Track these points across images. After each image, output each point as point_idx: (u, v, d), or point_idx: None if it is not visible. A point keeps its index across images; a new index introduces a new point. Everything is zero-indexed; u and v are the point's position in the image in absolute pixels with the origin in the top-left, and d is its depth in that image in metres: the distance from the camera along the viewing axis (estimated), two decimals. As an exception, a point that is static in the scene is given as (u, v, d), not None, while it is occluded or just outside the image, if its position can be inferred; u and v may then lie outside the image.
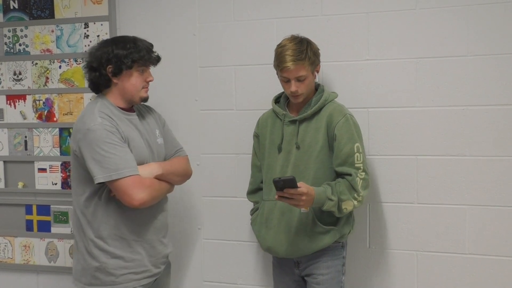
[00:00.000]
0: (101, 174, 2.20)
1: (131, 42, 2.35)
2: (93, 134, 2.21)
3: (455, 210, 2.62)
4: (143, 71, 2.38)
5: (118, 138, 2.24)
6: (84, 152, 2.23)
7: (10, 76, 3.23)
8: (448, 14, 2.57)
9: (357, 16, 2.69)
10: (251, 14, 2.85)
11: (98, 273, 2.32)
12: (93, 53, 2.36)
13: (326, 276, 2.47)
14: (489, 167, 2.56)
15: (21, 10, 3.21)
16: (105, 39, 2.47)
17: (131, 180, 2.21)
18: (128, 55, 2.31)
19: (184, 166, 2.56)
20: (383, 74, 2.67)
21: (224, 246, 2.99)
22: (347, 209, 2.38)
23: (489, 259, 2.59)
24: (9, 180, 3.28)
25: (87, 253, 2.34)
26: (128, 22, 3.05)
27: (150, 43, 2.43)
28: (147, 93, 2.42)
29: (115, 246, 2.32)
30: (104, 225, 2.31)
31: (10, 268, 3.31)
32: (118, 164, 2.20)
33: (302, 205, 2.30)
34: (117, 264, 2.32)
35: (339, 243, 2.51)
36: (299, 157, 2.45)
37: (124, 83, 2.35)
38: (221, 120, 2.94)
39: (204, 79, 2.96)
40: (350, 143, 2.40)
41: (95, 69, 2.34)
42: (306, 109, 2.48)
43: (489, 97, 2.54)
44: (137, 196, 2.22)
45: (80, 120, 2.31)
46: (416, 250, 2.68)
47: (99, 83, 2.37)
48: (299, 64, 2.37)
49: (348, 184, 2.38)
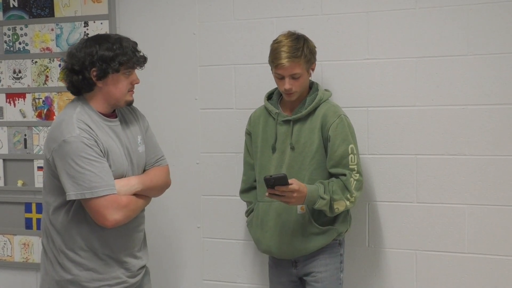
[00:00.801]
0: (73, 191, 2.04)
1: (117, 42, 2.15)
2: (68, 146, 2.03)
3: (454, 209, 2.62)
4: (129, 74, 2.19)
5: (95, 152, 2.07)
6: (58, 164, 2.06)
7: (10, 75, 3.23)
8: (448, 13, 2.57)
9: (357, 16, 2.69)
10: (251, 13, 2.85)
11: (70, 286, 2.16)
12: (75, 54, 2.15)
13: (324, 273, 2.47)
14: (489, 166, 2.56)
15: (21, 8, 3.20)
16: (86, 38, 2.23)
17: (106, 200, 2.05)
18: (115, 58, 2.12)
19: (164, 178, 2.39)
20: (382, 73, 2.67)
21: (223, 244, 2.99)
22: (338, 209, 2.37)
23: (489, 258, 2.59)
24: (9, 178, 3.28)
25: (58, 265, 2.18)
26: (127, 20, 3.05)
27: (135, 42, 2.24)
28: (133, 96, 2.25)
29: (87, 258, 2.17)
30: (74, 238, 2.15)
31: (10, 266, 3.31)
32: (92, 181, 2.03)
33: (293, 202, 2.28)
34: (90, 276, 2.17)
35: (336, 241, 2.51)
36: (293, 157, 2.44)
37: (109, 87, 2.16)
38: (221, 119, 2.94)
39: (204, 78, 2.96)
40: (344, 145, 2.38)
41: (77, 72, 2.13)
42: (300, 109, 2.46)
43: (489, 96, 2.54)
44: (111, 217, 2.07)
45: (56, 127, 2.11)
46: (416, 249, 2.69)
47: (80, 87, 2.17)
48: (295, 62, 2.34)
49: (341, 184, 2.37)
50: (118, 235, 2.20)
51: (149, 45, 3.02)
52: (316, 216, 2.43)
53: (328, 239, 2.45)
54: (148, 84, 3.04)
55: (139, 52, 2.23)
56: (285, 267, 2.55)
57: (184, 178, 3.02)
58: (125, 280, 2.24)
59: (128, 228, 2.23)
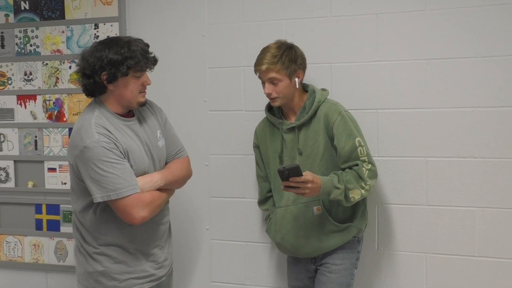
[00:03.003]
0: (99, 194, 2.14)
1: (125, 46, 2.20)
2: (90, 152, 2.12)
3: (464, 212, 2.60)
4: (139, 76, 2.25)
5: (116, 155, 2.15)
6: (82, 170, 2.16)
7: (21, 77, 3.25)
8: (458, 15, 2.56)
9: (367, 17, 2.68)
10: (260, 15, 2.85)
11: (102, 277, 2.28)
12: (86, 58, 2.23)
13: (339, 266, 2.49)
14: (499, 169, 2.54)
15: (32, 11, 3.23)
16: (98, 42, 2.29)
17: (130, 200, 2.14)
18: (123, 61, 2.17)
19: (186, 170, 2.48)
20: (392, 75, 2.66)
21: (232, 246, 2.99)
22: (354, 198, 2.38)
23: (499, 262, 2.57)
24: (19, 180, 3.30)
25: (90, 257, 2.30)
26: (137, 22, 3.07)
27: (146, 44, 2.30)
28: (145, 98, 2.32)
29: (117, 252, 2.28)
30: (103, 235, 2.27)
31: (20, 267, 3.33)
32: (116, 183, 2.12)
33: (308, 193, 2.30)
34: (120, 269, 2.29)
35: (356, 238, 2.54)
36: (303, 162, 2.46)
37: (120, 89, 2.23)
38: (230, 121, 2.94)
39: (213, 80, 2.97)
40: (351, 140, 2.40)
41: (88, 76, 2.22)
42: (302, 114, 2.49)
43: (499, 98, 2.53)
44: (138, 215, 2.17)
45: (77, 133, 2.19)
46: (425, 252, 2.67)
47: (93, 90, 2.26)
48: (270, 67, 2.42)
49: (355, 173, 2.39)
50: (144, 229, 2.29)
51: (158, 47, 3.02)
52: (333, 214, 2.46)
53: (349, 235, 2.48)
54: (157, 86, 3.04)
55: (149, 54, 2.28)
56: (304, 264, 2.59)
57: (193, 179, 2.99)
58: (153, 273, 2.35)
59: (154, 222, 2.32)
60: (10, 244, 3.34)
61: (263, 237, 2.89)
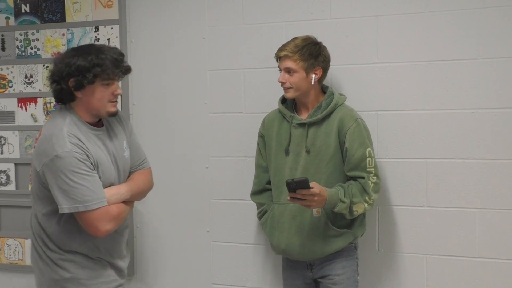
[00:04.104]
0: (66, 205, 2.10)
1: (95, 53, 2.15)
2: (61, 162, 2.07)
3: (464, 213, 2.61)
4: (108, 85, 2.18)
5: (87, 166, 2.12)
6: (50, 178, 2.11)
7: (21, 79, 3.26)
8: (457, 17, 2.56)
9: (366, 20, 2.69)
10: (260, 18, 2.86)
11: (69, 284, 2.22)
12: (56, 64, 2.20)
13: (342, 276, 2.49)
14: (499, 170, 2.55)
15: (33, 13, 3.24)
16: (71, 48, 2.28)
17: (97, 213, 2.12)
18: (90, 69, 2.12)
19: (149, 182, 2.45)
20: (392, 77, 2.66)
21: (232, 248, 2.99)
22: (357, 211, 2.39)
23: (500, 263, 2.57)
24: (20, 182, 3.30)
25: (54, 264, 2.23)
26: (138, 25, 3.07)
27: (120, 53, 2.24)
28: (115, 108, 2.24)
29: (81, 258, 2.24)
30: (66, 243, 2.22)
31: (21, 270, 3.33)
32: (85, 195, 2.09)
33: (314, 206, 2.31)
34: (87, 274, 2.24)
35: (352, 244, 2.53)
36: (309, 161, 2.46)
37: (88, 97, 2.17)
38: (230, 123, 2.94)
39: (213, 82, 2.97)
40: (362, 148, 2.41)
41: (57, 82, 2.18)
42: (315, 112, 2.48)
43: (499, 100, 2.53)
44: (103, 229, 2.15)
45: (47, 141, 2.13)
46: (426, 253, 2.67)
47: (62, 96, 2.21)
48: (288, 55, 2.42)
49: (360, 186, 2.39)
50: (107, 240, 2.27)
51: (158, 49, 3.05)
52: (332, 218, 2.45)
53: (345, 242, 2.47)
54: (158, 88, 3.07)
55: (121, 63, 2.21)
56: (300, 269, 2.57)
57: (193, 182, 3.03)
58: (117, 279, 2.33)
59: (116, 233, 2.29)
60: (11, 247, 3.34)
61: (264, 239, 2.90)
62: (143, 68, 3.08)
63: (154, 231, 3.13)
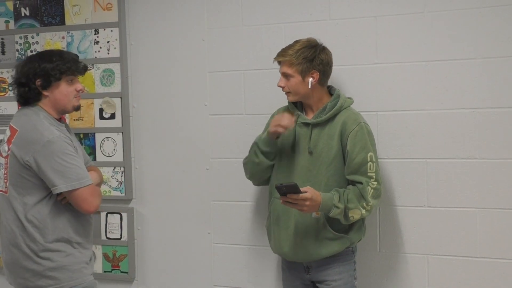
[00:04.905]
0: (63, 184, 2.27)
1: (57, 55, 2.41)
2: (53, 145, 2.28)
3: (465, 213, 2.60)
4: (72, 81, 2.41)
5: (74, 149, 2.36)
6: (42, 163, 2.27)
7: (21, 83, 3.26)
8: (457, 17, 2.56)
9: (366, 20, 2.69)
10: (259, 19, 2.86)
11: (55, 272, 2.34)
12: (20, 69, 2.40)
13: (339, 281, 2.47)
14: (499, 170, 2.55)
15: (32, 17, 3.24)
16: (30, 55, 2.55)
17: (89, 189, 2.33)
18: (55, 67, 2.35)
19: (101, 175, 2.69)
20: (392, 77, 2.67)
21: (233, 250, 2.99)
22: (354, 217, 2.37)
23: (501, 263, 2.57)
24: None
25: (38, 257, 2.34)
26: (137, 27, 3.08)
27: (76, 54, 2.50)
28: (79, 102, 2.46)
29: (63, 247, 2.36)
30: (51, 230, 2.34)
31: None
32: (79, 173, 2.31)
33: (306, 210, 2.30)
34: (70, 260, 2.36)
35: (349, 248, 2.51)
36: (311, 162, 2.45)
37: (55, 94, 2.39)
38: (230, 125, 2.95)
39: (213, 84, 2.97)
40: (363, 152, 2.39)
41: (24, 84, 2.37)
42: (320, 113, 2.47)
43: (499, 99, 2.53)
44: (95, 203, 2.35)
45: (33, 131, 2.32)
46: (427, 253, 2.67)
47: (29, 97, 2.40)
48: (284, 61, 2.44)
49: (357, 192, 2.37)
50: (86, 223, 2.45)
51: (158, 51, 3.06)
52: (331, 221, 2.43)
53: (341, 246, 2.45)
54: (158, 90, 3.07)
55: (80, 62, 2.47)
56: (298, 271, 2.56)
57: (194, 184, 3.03)
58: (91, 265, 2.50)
59: (91, 217, 2.50)
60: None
61: (265, 241, 2.89)
62: (143, 70, 3.08)
63: (154, 233, 3.13)
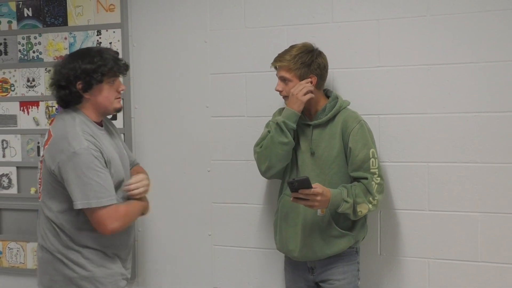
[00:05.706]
0: (80, 201, 2.17)
1: (97, 55, 2.29)
2: (78, 158, 2.16)
3: (466, 217, 2.60)
4: (113, 82, 2.32)
5: (101, 164, 2.21)
6: (66, 175, 2.18)
7: (23, 83, 3.27)
8: (459, 20, 2.56)
9: (368, 23, 2.69)
10: (262, 21, 2.86)
11: (85, 282, 2.26)
12: (59, 70, 2.30)
13: (342, 281, 2.48)
14: (501, 174, 2.54)
15: (35, 17, 3.25)
16: (69, 54, 2.42)
17: (107, 210, 2.19)
18: (97, 69, 2.25)
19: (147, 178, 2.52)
20: (394, 80, 2.67)
21: (234, 252, 2.99)
22: (362, 212, 2.39)
23: (501, 267, 2.57)
24: (22, 186, 3.31)
25: (71, 262, 2.27)
26: (140, 29, 3.08)
27: (116, 52, 2.41)
28: (120, 103, 2.39)
29: (97, 255, 2.29)
30: (83, 238, 2.27)
31: (23, 273, 3.33)
32: (98, 192, 2.17)
33: (317, 206, 2.31)
34: (103, 272, 2.29)
35: (353, 249, 2.53)
36: (313, 162, 2.47)
37: (96, 97, 2.30)
38: (232, 127, 2.95)
39: (215, 85, 2.97)
40: (365, 149, 2.42)
41: (64, 87, 2.28)
42: (320, 115, 2.50)
43: (501, 103, 2.53)
44: (110, 227, 2.21)
45: (63, 139, 2.22)
46: (428, 257, 2.67)
47: (69, 100, 2.31)
48: (281, 66, 2.46)
49: (363, 187, 2.40)
50: (122, 234, 2.34)
51: (160, 53, 3.06)
52: (336, 219, 2.45)
53: (346, 244, 2.47)
54: (159, 91, 3.07)
55: (121, 60, 2.36)
56: (302, 272, 2.57)
57: (195, 185, 3.03)
58: (125, 273, 2.40)
59: (130, 227, 2.39)
60: (13, 250, 3.34)
61: (266, 243, 2.89)
62: (145, 72, 3.08)
63: (155, 234, 3.13)
